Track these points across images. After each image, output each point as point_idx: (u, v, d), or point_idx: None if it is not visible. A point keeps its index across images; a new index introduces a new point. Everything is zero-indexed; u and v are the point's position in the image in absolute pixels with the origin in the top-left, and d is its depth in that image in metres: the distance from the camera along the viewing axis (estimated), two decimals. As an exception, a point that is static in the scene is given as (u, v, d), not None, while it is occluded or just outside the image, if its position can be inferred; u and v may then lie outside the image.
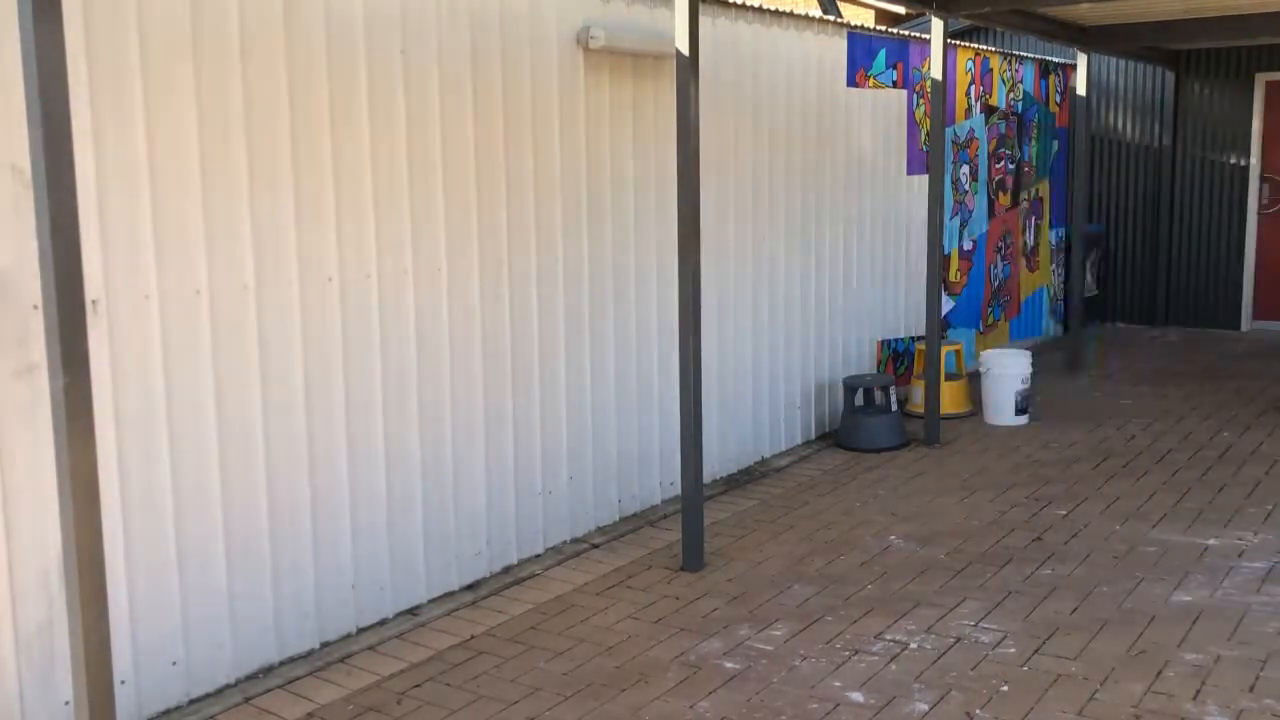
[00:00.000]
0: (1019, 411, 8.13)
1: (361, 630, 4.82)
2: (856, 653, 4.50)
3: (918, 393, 8.29)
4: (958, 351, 8.58)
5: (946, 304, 9.32)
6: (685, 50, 5.13)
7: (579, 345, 5.82)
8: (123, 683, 3.99)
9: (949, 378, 8.38)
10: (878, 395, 7.68)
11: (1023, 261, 10.83)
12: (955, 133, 9.33)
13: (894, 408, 7.67)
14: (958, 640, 4.58)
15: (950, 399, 8.35)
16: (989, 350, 8.37)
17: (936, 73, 7.46)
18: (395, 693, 4.29)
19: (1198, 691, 4.09)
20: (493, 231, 5.27)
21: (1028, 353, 8.28)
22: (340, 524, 4.71)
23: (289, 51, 4.35)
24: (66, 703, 3.83)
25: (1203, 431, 7.78)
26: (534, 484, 5.62)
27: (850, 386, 7.66)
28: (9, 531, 3.68)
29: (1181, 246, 11.94)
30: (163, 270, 4.03)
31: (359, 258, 4.68)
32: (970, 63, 9.56)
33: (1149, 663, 4.33)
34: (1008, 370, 8.11)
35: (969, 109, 9.57)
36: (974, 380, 9.64)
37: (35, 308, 3.67)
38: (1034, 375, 8.43)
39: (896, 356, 8.67)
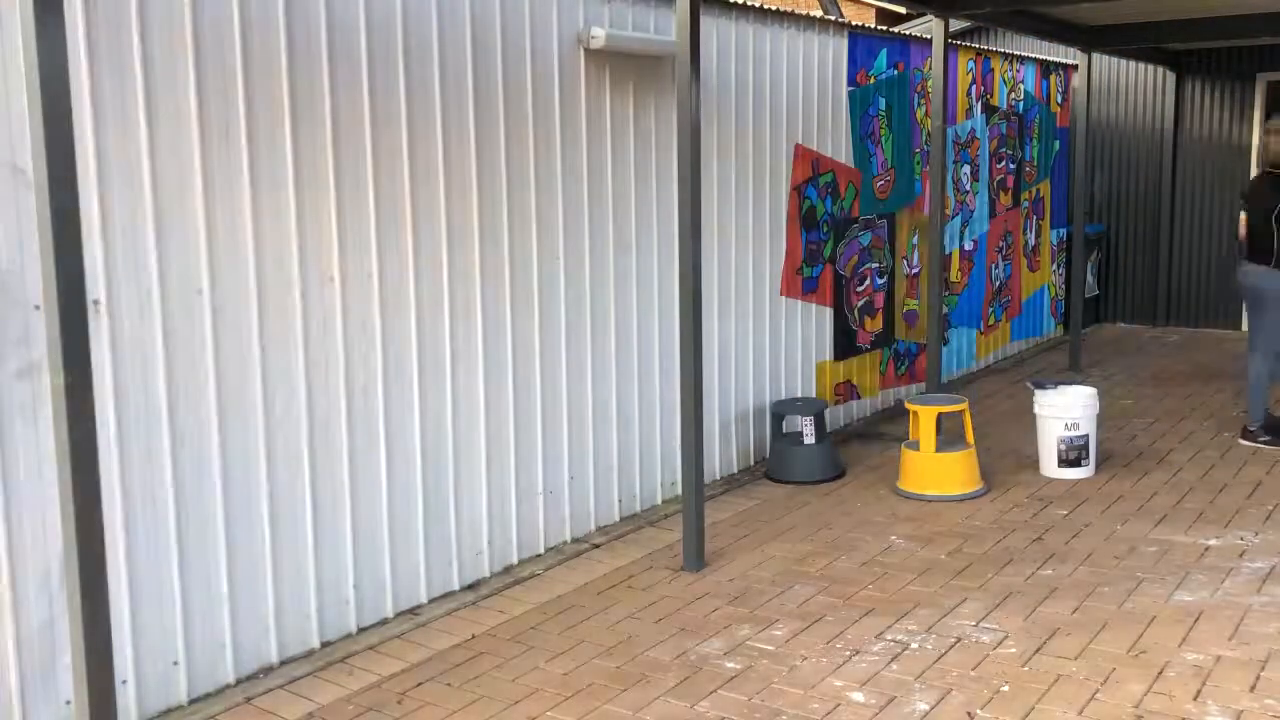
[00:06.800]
0: (1065, 463, 6.76)
1: (362, 630, 4.82)
2: (857, 653, 4.50)
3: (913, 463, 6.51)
4: (964, 414, 6.64)
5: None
6: (686, 50, 5.14)
7: (580, 344, 5.82)
8: (124, 682, 3.99)
9: (942, 445, 6.58)
10: (802, 424, 6.90)
11: (1024, 261, 10.83)
12: (956, 132, 9.33)
13: (811, 439, 6.82)
14: (958, 640, 4.58)
15: (946, 474, 6.42)
16: (1047, 392, 6.85)
17: (937, 73, 7.46)
18: (396, 692, 4.29)
19: (1198, 692, 4.09)
20: (494, 230, 5.27)
21: (1092, 390, 6.83)
22: (341, 523, 4.71)
23: (290, 50, 4.36)
24: (68, 702, 3.84)
25: (1204, 431, 7.78)
26: (535, 484, 5.62)
27: (777, 414, 6.98)
28: (10, 530, 3.69)
29: (1182, 246, 11.93)
30: (164, 270, 4.03)
31: (361, 257, 4.69)
32: (971, 63, 9.56)
33: (1149, 663, 4.33)
34: (1049, 410, 6.76)
35: (970, 109, 9.57)
36: (973, 384, 9.64)
37: (37, 308, 3.67)
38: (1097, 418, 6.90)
39: (898, 357, 8.67)
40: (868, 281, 8.20)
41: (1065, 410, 6.74)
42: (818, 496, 6.57)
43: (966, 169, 9.58)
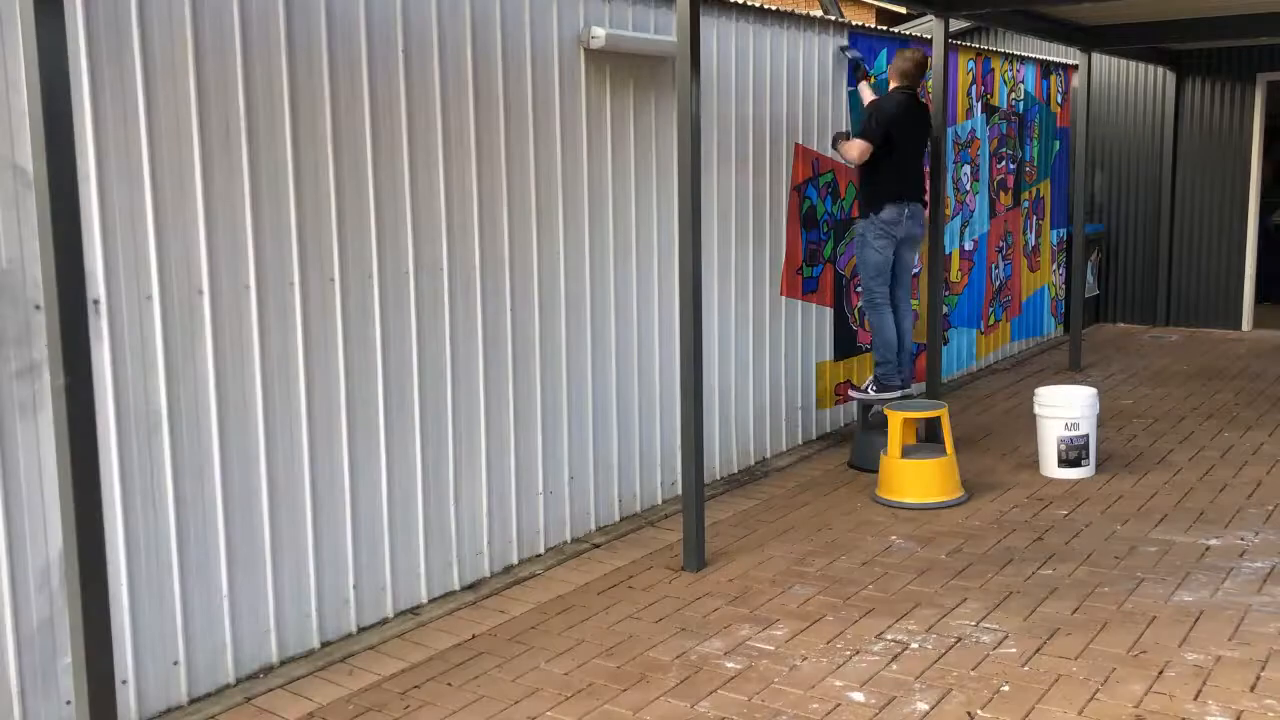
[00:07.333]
0: (1065, 463, 6.77)
1: (362, 630, 4.82)
2: (857, 653, 4.50)
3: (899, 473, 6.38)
4: (942, 420, 6.51)
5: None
6: (686, 50, 5.13)
7: (581, 343, 5.82)
8: (124, 682, 3.99)
9: (920, 451, 6.56)
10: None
11: (1024, 261, 10.83)
12: (956, 132, 9.33)
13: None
14: (958, 640, 4.58)
15: (920, 481, 6.33)
16: (1044, 387, 6.92)
17: (937, 72, 7.46)
18: (396, 692, 4.29)
19: (1199, 692, 4.09)
20: (494, 230, 5.28)
21: (1092, 390, 6.81)
22: (341, 523, 4.71)
23: (290, 50, 4.36)
24: (68, 702, 3.84)
25: (1204, 432, 7.78)
26: (535, 483, 5.62)
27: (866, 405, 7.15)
28: (10, 530, 3.69)
29: (1182, 246, 11.94)
30: (164, 270, 4.03)
31: (360, 258, 4.69)
32: (971, 63, 9.56)
33: (1150, 663, 4.33)
34: (1049, 410, 6.75)
35: (970, 109, 9.57)
36: (973, 384, 9.65)
37: (37, 307, 3.67)
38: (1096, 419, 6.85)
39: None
40: (868, 281, 8.19)
41: (1065, 410, 6.71)
42: (817, 496, 6.57)
43: (966, 169, 9.58)
